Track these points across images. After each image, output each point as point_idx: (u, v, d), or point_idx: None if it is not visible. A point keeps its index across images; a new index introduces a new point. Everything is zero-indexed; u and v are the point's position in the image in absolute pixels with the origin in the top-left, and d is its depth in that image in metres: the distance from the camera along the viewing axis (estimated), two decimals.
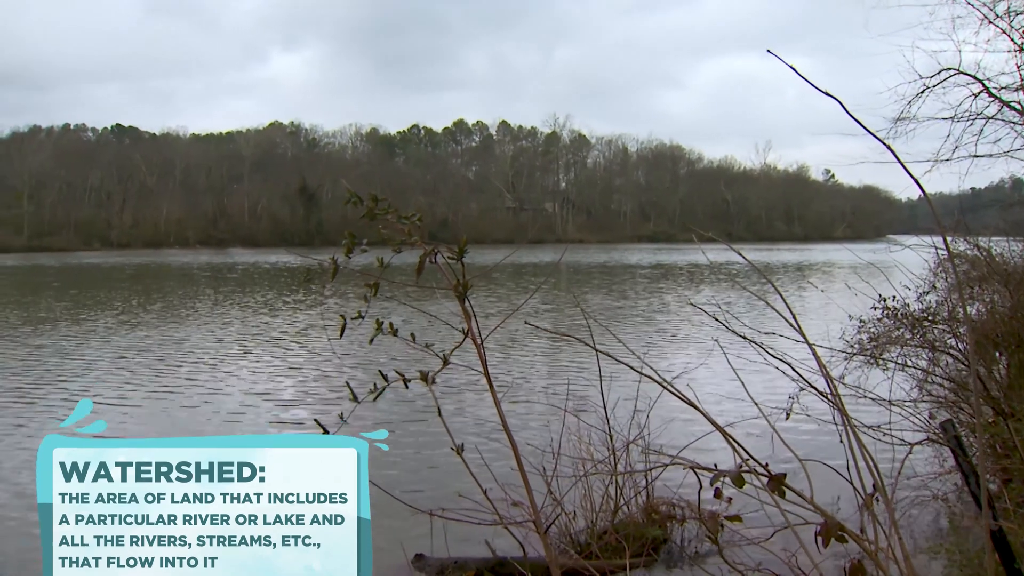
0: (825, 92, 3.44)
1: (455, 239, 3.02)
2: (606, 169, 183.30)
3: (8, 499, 10.65)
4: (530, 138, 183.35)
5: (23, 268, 76.90)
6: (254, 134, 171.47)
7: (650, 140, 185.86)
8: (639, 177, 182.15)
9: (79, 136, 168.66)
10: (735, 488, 3.03)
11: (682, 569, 7.77)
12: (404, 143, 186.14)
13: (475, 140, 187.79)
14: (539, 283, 45.80)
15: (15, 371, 19.58)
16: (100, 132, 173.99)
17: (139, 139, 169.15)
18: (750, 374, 5.39)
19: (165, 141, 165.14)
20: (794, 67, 3.43)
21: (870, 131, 3.69)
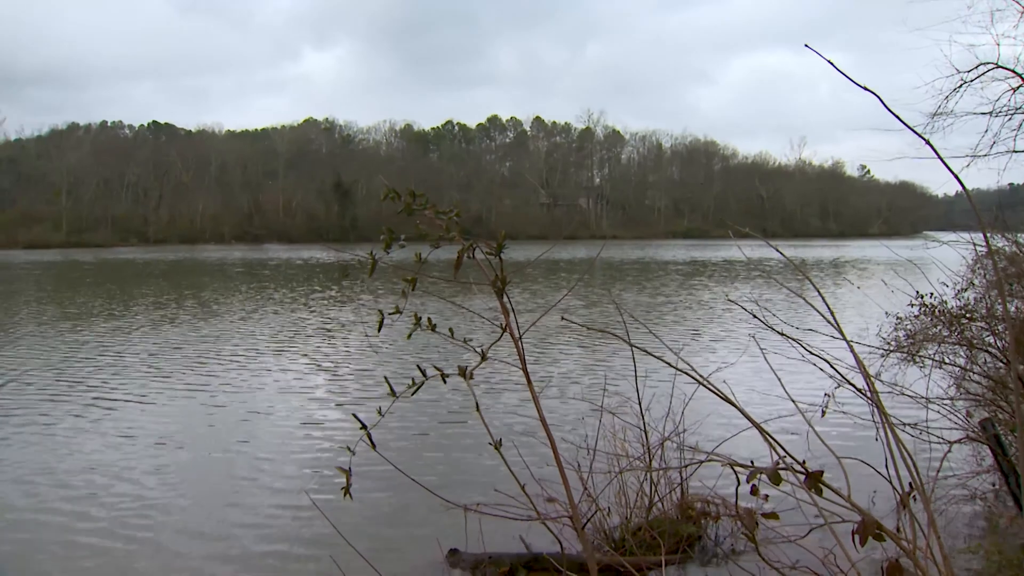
0: (863, 87, 3.42)
1: (489, 235, 3.02)
2: (640, 165, 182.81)
3: (17, 498, 10.62)
4: (564, 134, 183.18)
5: (59, 263, 77.60)
6: (289, 131, 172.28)
7: (684, 136, 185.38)
8: (673, 173, 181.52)
9: (116, 133, 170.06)
10: (771, 485, 3.01)
11: (717, 566, 7.74)
12: (438, 139, 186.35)
13: (509, 136, 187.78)
14: (576, 279, 45.71)
15: (48, 366, 19.68)
16: (137, 129, 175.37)
17: (175, 136, 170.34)
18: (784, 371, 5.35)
19: (200, 138, 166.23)
20: (832, 62, 3.40)
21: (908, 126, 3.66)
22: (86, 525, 9.43)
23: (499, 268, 2.91)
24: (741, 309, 5.33)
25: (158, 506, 10.08)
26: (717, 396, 3.56)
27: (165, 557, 8.54)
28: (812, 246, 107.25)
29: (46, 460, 12.00)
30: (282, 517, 9.57)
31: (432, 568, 7.89)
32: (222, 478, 11.14)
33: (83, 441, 13.05)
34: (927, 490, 3.40)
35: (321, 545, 8.45)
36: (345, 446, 3.31)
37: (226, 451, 12.57)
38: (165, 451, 12.49)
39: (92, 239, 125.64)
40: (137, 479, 11.08)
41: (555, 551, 7.63)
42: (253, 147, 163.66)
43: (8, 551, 8.74)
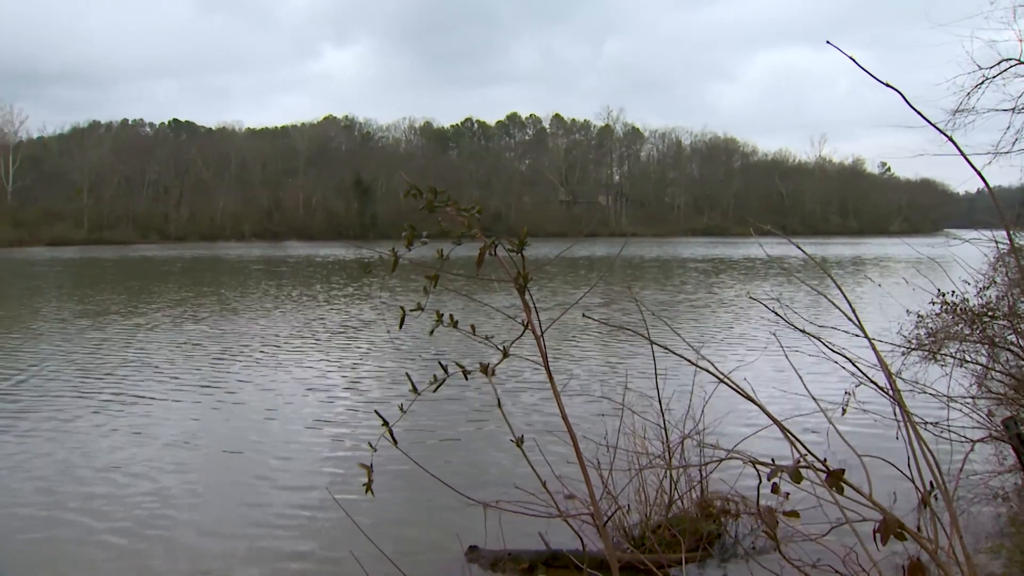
0: (886, 83, 3.41)
1: (508, 232, 3.01)
2: (660, 162, 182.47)
3: (32, 495, 10.64)
4: (583, 131, 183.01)
5: (80, 260, 78.01)
6: (308, 128, 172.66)
7: (704, 133, 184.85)
8: (693, 170, 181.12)
9: (137, 131, 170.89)
10: (792, 484, 3.00)
11: (736, 564, 7.72)
12: (457, 136, 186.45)
13: (528, 133, 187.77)
14: (598, 276, 45.69)
15: (68, 363, 19.76)
16: (157, 127, 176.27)
17: (195, 134, 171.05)
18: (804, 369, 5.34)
19: (221, 135, 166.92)
20: (854, 58, 3.39)
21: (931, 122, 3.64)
22: (103, 524, 9.43)
23: (521, 265, 2.91)
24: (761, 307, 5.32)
25: (176, 504, 10.11)
26: (738, 393, 3.55)
27: (183, 555, 8.57)
28: (832, 243, 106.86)
29: (64, 457, 12.04)
30: (302, 514, 9.60)
31: (452, 565, 7.90)
32: (241, 475, 11.17)
33: (100, 438, 13.09)
34: (949, 489, 3.38)
35: (341, 542, 8.46)
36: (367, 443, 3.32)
37: (245, 448, 12.61)
38: (183, 449, 12.53)
39: (113, 236, 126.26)
40: (155, 477, 11.11)
41: (574, 548, 7.63)
42: (273, 145, 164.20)
43: (22, 550, 8.73)
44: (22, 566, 8.29)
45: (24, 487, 10.73)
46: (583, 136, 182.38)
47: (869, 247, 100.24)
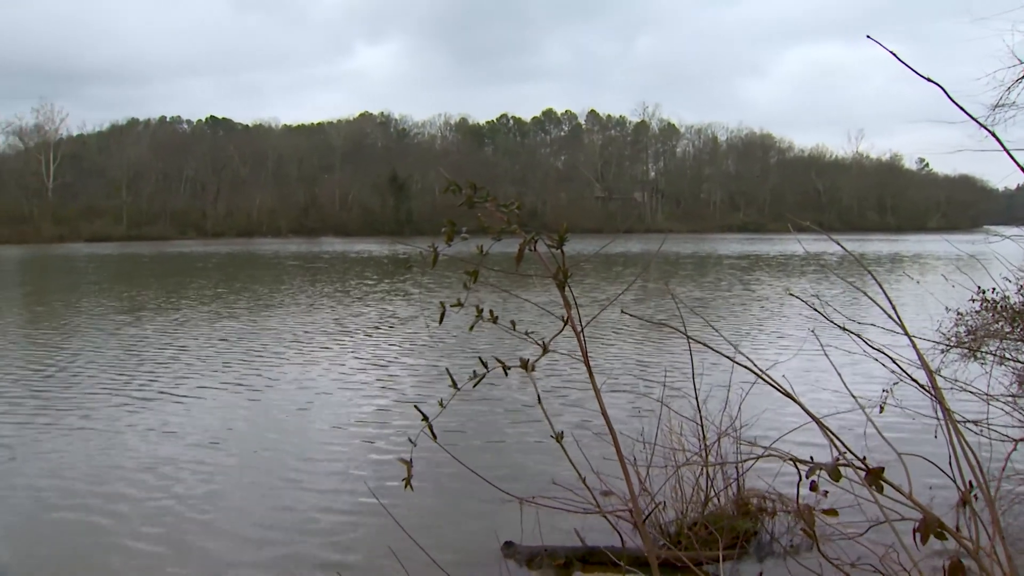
0: (927, 78, 3.37)
1: (544, 228, 3.01)
2: (695, 158, 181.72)
3: (51, 495, 10.56)
4: (619, 127, 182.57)
5: (116, 256, 78.67)
6: (344, 125, 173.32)
7: (740, 129, 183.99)
8: (729, 166, 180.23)
9: (175, 128, 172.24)
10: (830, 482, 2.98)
11: (774, 562, 7.69)
12: (493, 133, 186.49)
13: (564, 129, 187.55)
14: (636, 274, 45.57)
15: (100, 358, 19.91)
16: (195, 124, 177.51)
17: (232, 130, 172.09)
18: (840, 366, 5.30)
19: (257, 132, 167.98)
20: (895, 53, 3.36)
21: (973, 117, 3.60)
22: (125, 526, 9.31)
23: (561, 261, 2.91)
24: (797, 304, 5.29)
25: (210, 498, 10.16)
26: (776, 390, 3.53)
27: (212, 554, 8.61)
28: (869, 240, 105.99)
29: (92, 455, 12.01)
30: (338, 509, 9.63)
31: (487, 560, 7.91)
32: (275, 469, 11.21)
33: (130, 436, 13.05)
34: (990, 489, 3.35)
35: (377, 537, 8.49)
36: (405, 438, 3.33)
37: (280, 443, 12.66)
38: (214, 447, 12.54)
39: (152, 232, 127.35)
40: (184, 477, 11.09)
41: (610, 545, 7.61)
42: (309, 141, 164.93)
43: (39, 549, 8.63)
44: (38, 566, 8.21)
45: (49, 484, 10.68)
46: (618, 132, 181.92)
47: (907, 244, 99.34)
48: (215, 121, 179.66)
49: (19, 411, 14.52)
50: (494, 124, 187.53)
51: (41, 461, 11.60)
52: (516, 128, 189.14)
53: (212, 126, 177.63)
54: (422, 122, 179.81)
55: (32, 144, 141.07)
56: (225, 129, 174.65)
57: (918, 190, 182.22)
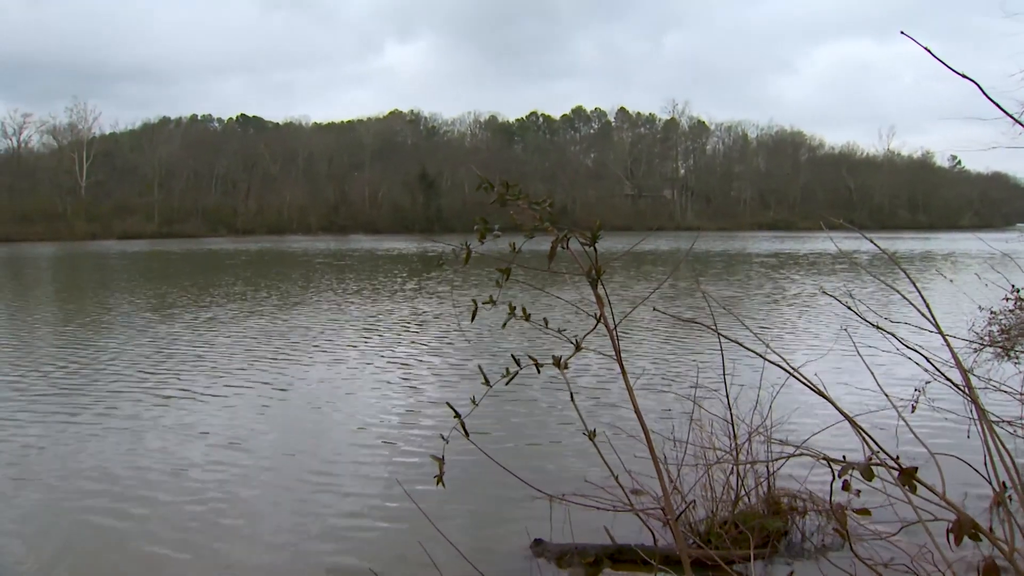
0: (961, 74, 3.35)
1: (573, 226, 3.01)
2: (725, 156, 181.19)
3: (71, 494, 10.57)
4: (648, 125, 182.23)
5: (147, 254, 79.25)
6: (374, 123, 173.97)
7: (770, 126, 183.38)
8: (759, 164, 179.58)
9: (206, 127, 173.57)
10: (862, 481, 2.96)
11: (805, 562, 7.65)
12: (522, 130, 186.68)
13: (593, 127, 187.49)
14: (667, 271, 45.46)
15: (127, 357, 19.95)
16: (226, 122, 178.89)
17: (263, 129, 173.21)
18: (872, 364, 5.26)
19: (288, 130, 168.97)
20: (929, 49, 3.34)
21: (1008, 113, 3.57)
22: (140, 527, 9.14)
23: (594, 258, 2.90)
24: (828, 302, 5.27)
25: (235, 497, 10.18)
26: (810, 389, 3.51)
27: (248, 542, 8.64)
28: (901, 238, 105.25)
29: (114, 454, 11.86)
30: (367, 504, 9.65)
31: (517, 557, 7.91)
32: (303, 466, 11.22)
33: (154, 435, 12.87)
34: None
35: (406, 533, 8.50)
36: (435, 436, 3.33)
37: (307, 441, 12.67)
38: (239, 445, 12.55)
39: (183, 230, 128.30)
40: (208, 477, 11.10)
41: (641, 543, 7.60)
42: (339, 139, 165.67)
43: (49, 551, 8.42)
44: (51, 566, 8.08)
45: (67, 483, 10.55)
46: (648, 130, 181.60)
47: (939, 242, 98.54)
48: (246, 119, 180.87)
49: (43, 408, 14.51)
50: (524, 122, 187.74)
51: (62, 459, 11.54)
52: (546, 126, 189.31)
53: (243, 124, 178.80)
54: (452, 120, 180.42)
55: (66, 143, 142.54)
56: (256, 127, 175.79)
57: (950, 188, 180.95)
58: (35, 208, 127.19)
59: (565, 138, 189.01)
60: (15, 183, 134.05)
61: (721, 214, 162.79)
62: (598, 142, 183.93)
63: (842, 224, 4.94)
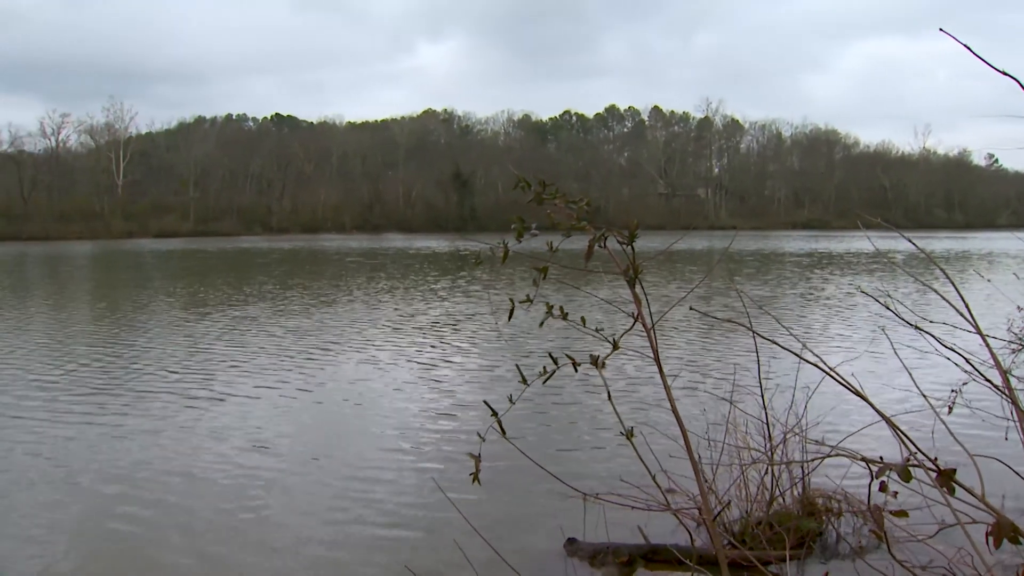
0: (1001, 71, 3.32)
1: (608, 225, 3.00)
2: (759, 154, 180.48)
3: (91, 498, 10.67)
4: (682, 123, 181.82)
5: (180, 252, 79.81)
6: (408, 122, 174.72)
7: (804, 125, 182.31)
8: (793, 162, 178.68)
9: (240, 126, 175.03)
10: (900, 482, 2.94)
11: (841, 563, 7.60)
12: (556, 129, 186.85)
13: (627, 126, 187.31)
14: (702, 271, 45.33)
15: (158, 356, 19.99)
16: (260, 122, 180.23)
17: (297, 128, 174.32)
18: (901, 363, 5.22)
19: (322, 129, 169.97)
20: (969, 46, 3.31)
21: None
22: (163, 535, 8.95)
23: (632, 257, 2.90)
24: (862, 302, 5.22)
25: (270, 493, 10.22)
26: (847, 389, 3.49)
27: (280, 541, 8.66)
28: (937, 238, 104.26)
29: (142, 456, 11.75)
30: (403, 503, 9.66)
31: (550, 556, 7.91)
32: (334, 464, 11.25)
33: (182, 436, 12.70)
34: None
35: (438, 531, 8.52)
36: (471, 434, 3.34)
37: (338, 439, 12.68)
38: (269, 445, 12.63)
39: (218, 228, 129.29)
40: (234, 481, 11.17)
41: (675, 543, 7.58)
42: (373, 138, 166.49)
43: (69, 554, 8.28)
44: (67, 569, 7.97)
45: (88, 485, 10.39)
46: (682, 128, 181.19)
47: (976, 241, 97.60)
48: (280, 119, 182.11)
49: (71, 407, 14.51)
50: (557, 120, 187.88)
51: (85, 460, 11.41)
52: (579, 124, 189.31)
53: (277, 123, 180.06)
54: (485, 119, 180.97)
55: (103, 142, 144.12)
56: (290, 126, 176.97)
57: (987, 186, 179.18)
58: (73, 207, 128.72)
59: (598, 137, 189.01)
60: (54, 182, 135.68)
61: (755, 213, 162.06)
62: (632, 141, 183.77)
63: (879, 223, 4.90)
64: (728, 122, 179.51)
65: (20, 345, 21.60)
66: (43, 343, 21.79)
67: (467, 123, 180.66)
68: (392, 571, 7.74)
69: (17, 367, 18.38)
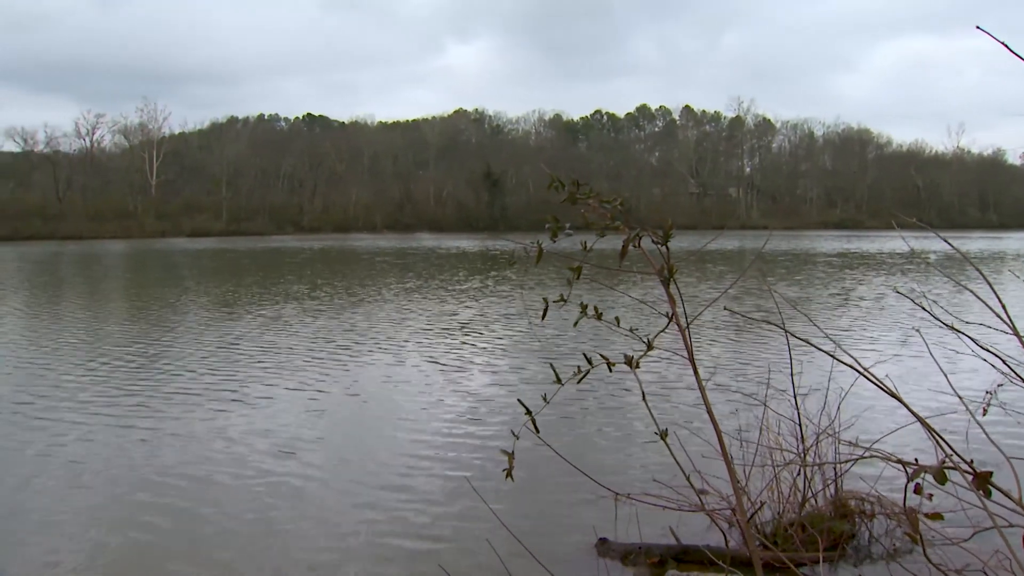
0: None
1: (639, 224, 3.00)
2: (791, 154, 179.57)
3: (110, 503, 10.76)
4: (713, 123, 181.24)
5: (212, 251, 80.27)
6: (439, 121, 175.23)
7: (836, 124, 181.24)
8: (825, 162, 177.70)
9: (272, 126, 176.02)
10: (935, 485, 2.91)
11: (874, 565, 7.55)
12: (587, 129, 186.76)
13: (658, 125, 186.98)
14: (735, 271, 45.14)
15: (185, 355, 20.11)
16: (292, 122, 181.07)
17: (328, 128, 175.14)
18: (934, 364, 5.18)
19: (353, 129, 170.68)
20: (1007, 44, 3.28)
21: None
22: (184, 540, 8.94)
23: (666, 257, 2.90)
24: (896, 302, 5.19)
25: (301, 492, 10.25)
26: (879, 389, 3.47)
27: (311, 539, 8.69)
28: (971, 238, 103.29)
29: (166, 459, 11.70)
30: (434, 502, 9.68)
31: (582, 556, 7.90)
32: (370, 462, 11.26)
33: (203, 439, 12.56)
34: None
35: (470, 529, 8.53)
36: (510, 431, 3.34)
37: (368, 439, 12.69)
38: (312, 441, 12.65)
39: (250, 228, 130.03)
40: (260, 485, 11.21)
41: (707, 543, 7.55)
42: (404, 138, 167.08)
43: (88, 559, 8.15)
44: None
45: (107, 488, 10.29)
46: (713, 128, 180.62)
47: (1010, 241, 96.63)
48: (312, 119, 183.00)
49: (93, 407, 14.50)
50: (588, 120, 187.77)
51: (109, 462, 11.33)
52: (610, 124, 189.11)
53: (309, 123, 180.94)
54: (516, 118, 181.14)
55: (136, 142, 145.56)
56: (321, 126, 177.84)
57: (1022, 186, 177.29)
58: (107, 207, 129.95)
59: (629, 136, 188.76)
60: (88, 182, 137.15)
61: (787, 213, 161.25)
62: (663, 140, 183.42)
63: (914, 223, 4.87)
64: (759, 121, 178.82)
65: (48, 343, 21.91)
66: (70, 342, 21.93)
67: (498, 123, 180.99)
68: (426, 569, 7.75)
69: (45, 366, 18.56)
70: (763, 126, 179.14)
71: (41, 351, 20.59)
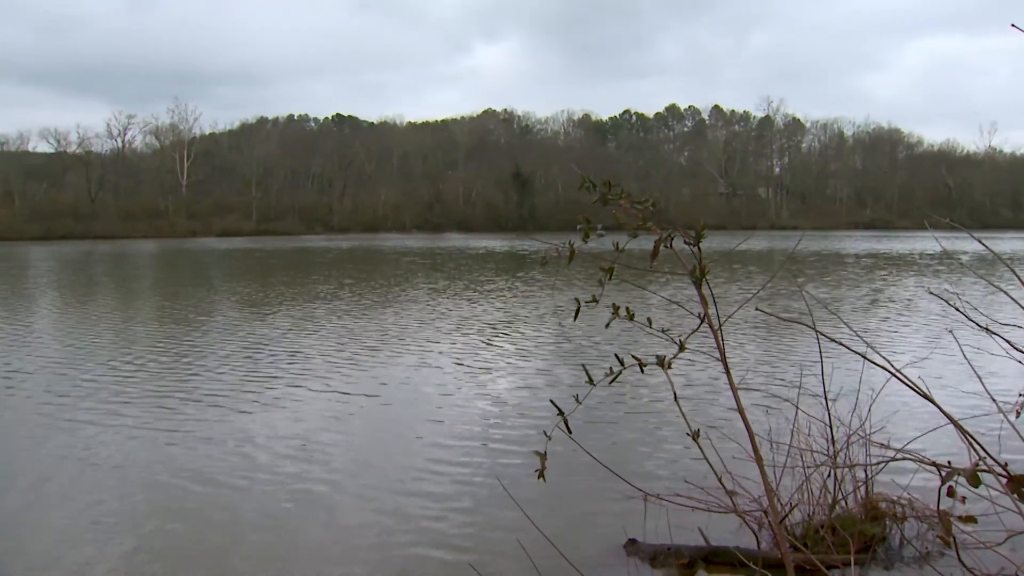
0: None
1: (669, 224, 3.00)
2: (821, 153, 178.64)
3: (122, 508, 10.81)
4: (742, 123, 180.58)
5: (241, 251, 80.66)
6: (468, 121, 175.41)
7: (867, 124, 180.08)
8: (856, 162, 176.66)
9: (302, 126, 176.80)
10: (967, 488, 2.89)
11: (906, 568, 7.50)
12: (615, 129, 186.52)
13: (687, 125, 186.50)
14: (767, 272, 44.97)
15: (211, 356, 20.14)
16: (321, 122, 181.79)
17: (358, 128, 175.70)
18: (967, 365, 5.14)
19: (382, 129, 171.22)
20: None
21: None
22: (225, 533, 9.08)
23: (699, 258, 2.89)
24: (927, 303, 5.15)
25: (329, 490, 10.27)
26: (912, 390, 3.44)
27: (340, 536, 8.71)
28: (1003, 238, 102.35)
29: (185, 463, 11.79)
30: (464, 501, 9.68)
31: (610, 556, 7.89)
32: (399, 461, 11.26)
33: (226, 441, 12.43)
34: None
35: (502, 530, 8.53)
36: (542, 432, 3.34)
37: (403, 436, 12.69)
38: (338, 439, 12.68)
39: (280, 227, 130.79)
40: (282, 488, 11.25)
41: (737, 544, 7.52)
42: (433, 138, 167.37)
43: (103, 560, 8.07)
44: (11, 567, 7.83)
45: (125, 490, 10.16)
46: (742, 128, 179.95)
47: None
48: (341, 119, 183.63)
49: (117, 407, 14.45)
50: (617, 120, 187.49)
51: (125, 463, 11.25)
52: (639, 124, 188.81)
53: (338, 124, 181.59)
54: (545, 118, 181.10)
55: (167, 143, 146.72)
56: (351, 126, 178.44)
57: None
58: (139, 206, 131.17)
59: (658, 136, 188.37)
60: (120, 182, 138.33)
61: (817, 213, 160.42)
62: (692, 140, 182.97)
63: (946, 223, 4.83)
64: (789, 121, 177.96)
65: (73, 342, 22.08)
66: (97, 344, 22.03)
67: (527, 123, 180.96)
68: (456, 569, 7.76)
69: (68, 364, 18.65)
70: (792, 126, 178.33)
71: (66, 350, 20.73)
